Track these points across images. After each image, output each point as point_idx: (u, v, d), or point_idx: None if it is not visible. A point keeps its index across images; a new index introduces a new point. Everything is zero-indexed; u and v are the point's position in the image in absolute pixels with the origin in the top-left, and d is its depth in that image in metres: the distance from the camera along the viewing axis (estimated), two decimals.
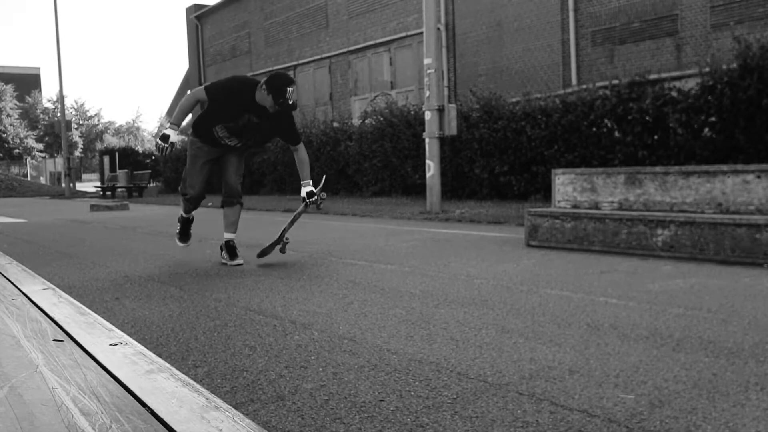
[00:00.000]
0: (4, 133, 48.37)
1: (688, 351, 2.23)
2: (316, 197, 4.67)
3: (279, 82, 4.32)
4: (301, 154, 4.66)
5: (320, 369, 2.12)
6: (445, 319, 2.79)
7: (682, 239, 4.35)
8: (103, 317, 2.15)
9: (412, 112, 12.39)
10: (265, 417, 1.73)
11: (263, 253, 4.75)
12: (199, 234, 7.14)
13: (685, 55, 11.82)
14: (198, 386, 1.29)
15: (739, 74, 7.85)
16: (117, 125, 66.14)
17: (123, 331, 2.12)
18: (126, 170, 22.75)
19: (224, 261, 4.74)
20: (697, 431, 1.58)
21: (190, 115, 5.71)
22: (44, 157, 48.46)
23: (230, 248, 4.72)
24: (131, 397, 1.24)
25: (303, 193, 4.66)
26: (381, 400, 1.83)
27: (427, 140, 8.91)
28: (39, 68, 71.83)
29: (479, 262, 4.42)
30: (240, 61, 25.08)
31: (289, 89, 4.30)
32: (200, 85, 29.14)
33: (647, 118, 8.87)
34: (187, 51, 28.80)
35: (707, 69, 8.29)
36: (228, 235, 4.76)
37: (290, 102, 4.33)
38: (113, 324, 2.08)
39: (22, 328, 1.78)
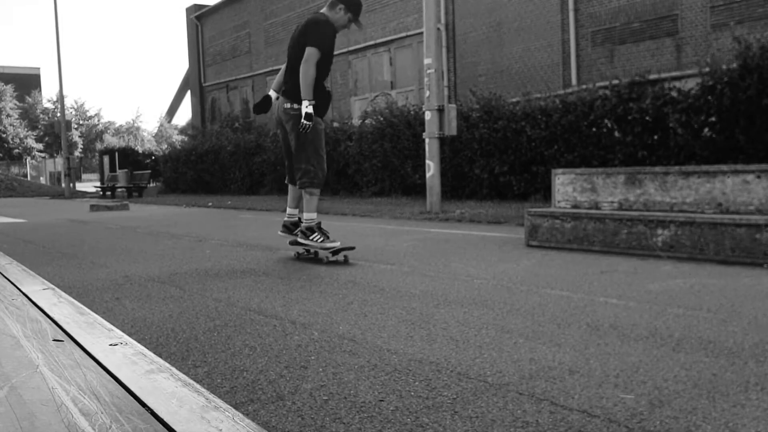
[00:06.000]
0: (4, 133, 48.38)
1: (688, 351, 2.23)
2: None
3: None
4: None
5: (320, 369, 2.12)
6: (445, 319, 2.79)
7: (682, 239, 4.35)
8: (103, 317, 2.15)
9: (412, 112, 12.39)
10: (265, 417, 1.73)
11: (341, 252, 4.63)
12: (199, 234, 7.13)
13: (685, 55, 11.82)
14: (198, 386, 1.29)
15: (739, 74, 7.85)
16: (117, 125, 66.11)
17: (123, 331, 2.12)
18: (126, 170, 22.74)
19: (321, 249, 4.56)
20: (697, 431, 1.58)
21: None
22: (44, 157, 48.44)
23: (320, 227, 4.65)
24: (131, 397, 1.24)
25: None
26: (381, 400, 1.83)
27: (427, 140, 8.91)
28: (39, 68, 71.98)
29: (479, 262, 4.42)
30: (240, 61, 25.08)
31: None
32: (200, 85, 28.95)
33: (647, 118, 8.86)
34: (187, 51, 28.81)
35: (707, 69, 8.29)
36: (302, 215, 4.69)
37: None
38: (113, 324, 2.08)
39: (22, 328, 1.78)
